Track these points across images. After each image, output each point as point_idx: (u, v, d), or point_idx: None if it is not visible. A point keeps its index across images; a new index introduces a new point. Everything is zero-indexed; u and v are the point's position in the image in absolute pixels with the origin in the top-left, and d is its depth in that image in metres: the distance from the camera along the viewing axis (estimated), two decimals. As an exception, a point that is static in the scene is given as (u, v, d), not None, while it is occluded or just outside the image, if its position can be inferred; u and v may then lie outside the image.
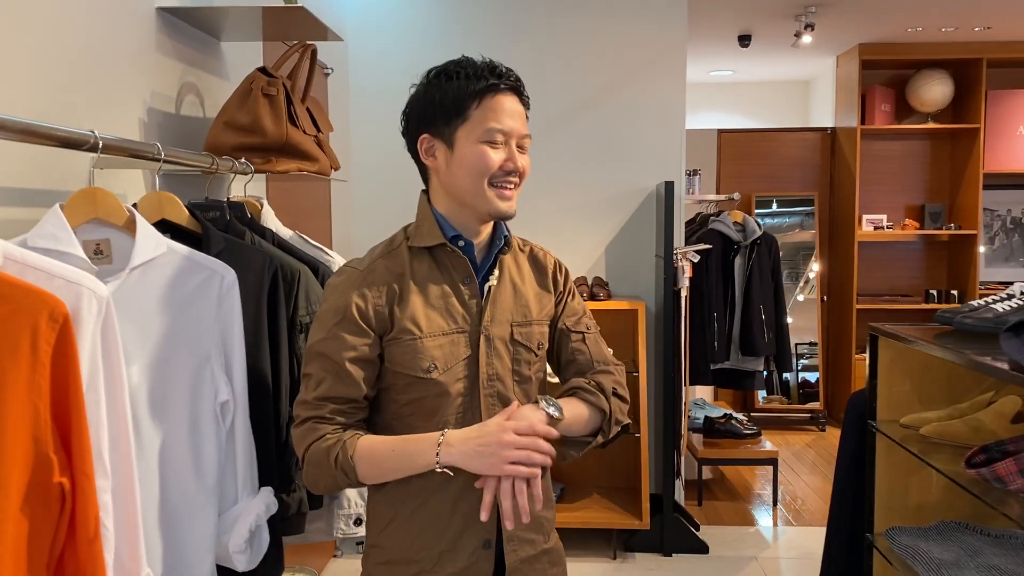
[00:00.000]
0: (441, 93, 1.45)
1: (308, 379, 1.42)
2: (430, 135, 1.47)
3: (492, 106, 1.44)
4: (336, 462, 1.36)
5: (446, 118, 1.45)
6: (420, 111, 1.49)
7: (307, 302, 1.86)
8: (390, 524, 1.47)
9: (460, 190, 1.46)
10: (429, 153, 1.48)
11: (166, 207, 1.61)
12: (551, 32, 4.06)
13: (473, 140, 1.43)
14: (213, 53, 2.52)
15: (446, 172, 1.47)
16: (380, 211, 4.12)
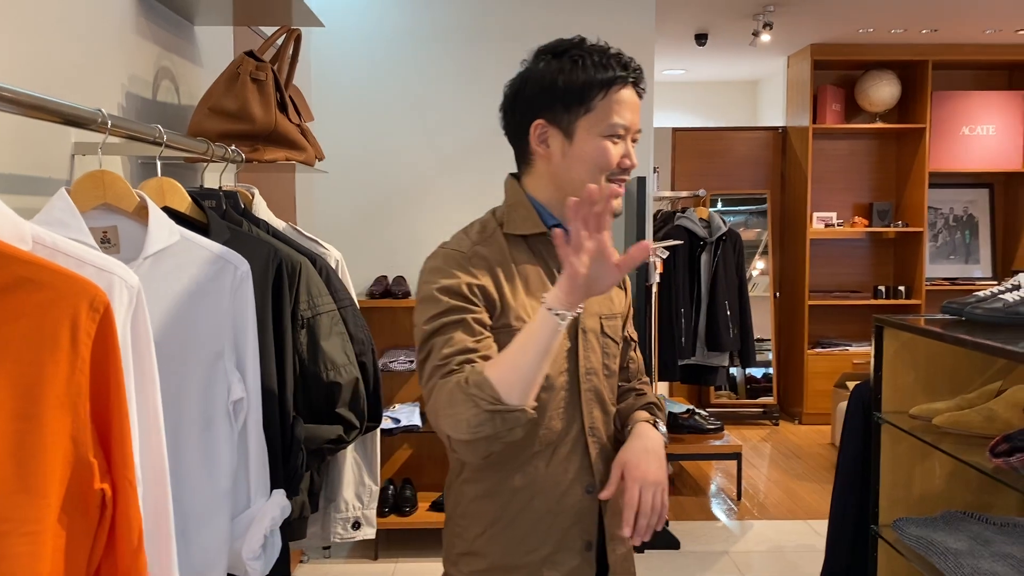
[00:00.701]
0: (565, 79, 1.35)
1: (428, 352, 1.30)
2: (546, 121, 1.38)
3: (617, 99, 1.36)
4: (468, 383, 1.20)
5: (567, 106, 1.36)
6: (537, 94, 1.38)
7: (308, 295, 1.77)
8: (492, 527, 1.38)
9: (573, 183, 1.36)
10: (541, 140, 1.39)
11: (168, 194, 1.50)
12: (519, 27, 4.01)
13: (595, 133, 1.35)
14: (187, 37, 2.40)
15: (560, 162, 1.38)
16: (344, 204, 4.01)
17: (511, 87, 1.44)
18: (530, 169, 1.45)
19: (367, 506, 2.03)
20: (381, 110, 4.01)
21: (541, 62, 1.40)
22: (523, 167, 1.47)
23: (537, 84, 1.38)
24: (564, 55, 1.38)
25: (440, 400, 1.24)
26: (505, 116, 1.46)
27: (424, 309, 1.33)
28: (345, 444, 1.81)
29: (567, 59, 1.37)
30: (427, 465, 4.06)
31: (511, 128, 1.46)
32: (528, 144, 1.42)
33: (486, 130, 4.03)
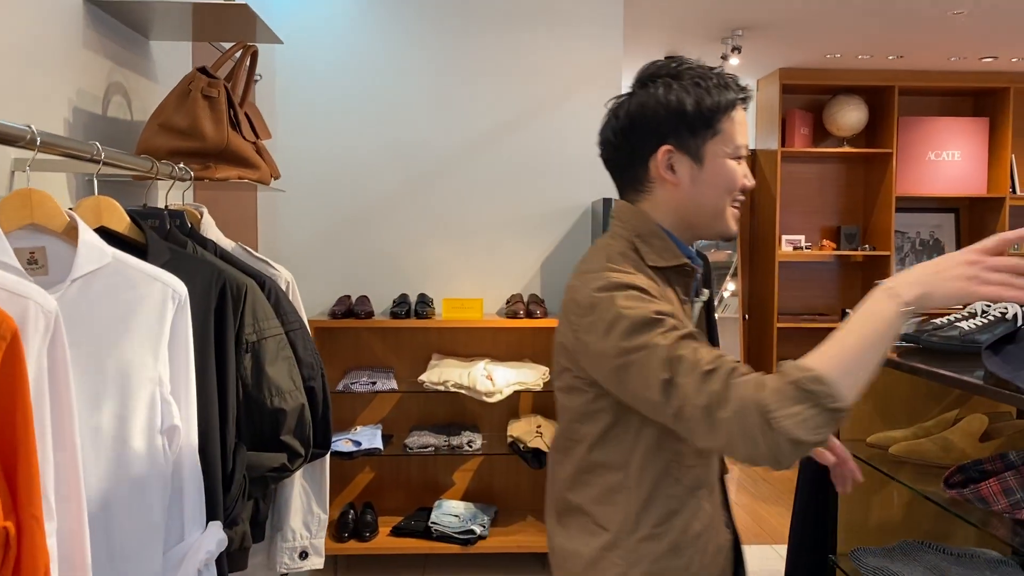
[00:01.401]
0: (693, 102, 1.31)
1: (678, 363, 1.16)
2: (674, 147, 1.33)
3: (738, 120, 1.34)
4: (804, 381, 1.08)
5: (694, 130, 1.32)
6: (664, 119, 1.32)
7: (254, 319, 1.73)
8: (663, 557, 1.31)
9: (702, 208, 1.34)
10: (667, 166, 1.33)
11: (105, 214, 1.46)
12: (486, 46, 4.00)
13: (723, 156, 1.33)
14: (141, 52, 2.35)
15: (689, 188, 1.34)
16: (307, 223, 3.97)
17: (624, 112, 1.36)
18: (647, 196, 1.38)
19: (315, 535, 1.97)
20: (345, 128, 3.97)
21: (659, 86, 1.33)
22: (635, 195, 1.39)
23: (662, 108, 1.32)
24: (683, 77, 1.34)
25: (758, 400, 1.10)
26: (614, 144, 1.38)
27: (642, 329, 1.19)
28: (289, 472, 1.76)
29: (689, 82, 1.33)
30: (389, 489, 4.00)
31: (624, 156, 1.38)
32: (648, 171, 1.35)
33: (451, 149, 4.01)
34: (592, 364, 1.27)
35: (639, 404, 1.22)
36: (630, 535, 1.32)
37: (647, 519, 1.32)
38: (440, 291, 3.98)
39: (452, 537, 3.59)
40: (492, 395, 3.55)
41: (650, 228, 1.36)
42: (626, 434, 1.32)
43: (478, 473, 4.03)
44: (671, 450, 1.32)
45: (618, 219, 1.40)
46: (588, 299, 1.27)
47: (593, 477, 1.35)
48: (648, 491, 1.32)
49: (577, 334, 1.28)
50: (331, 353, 3.93)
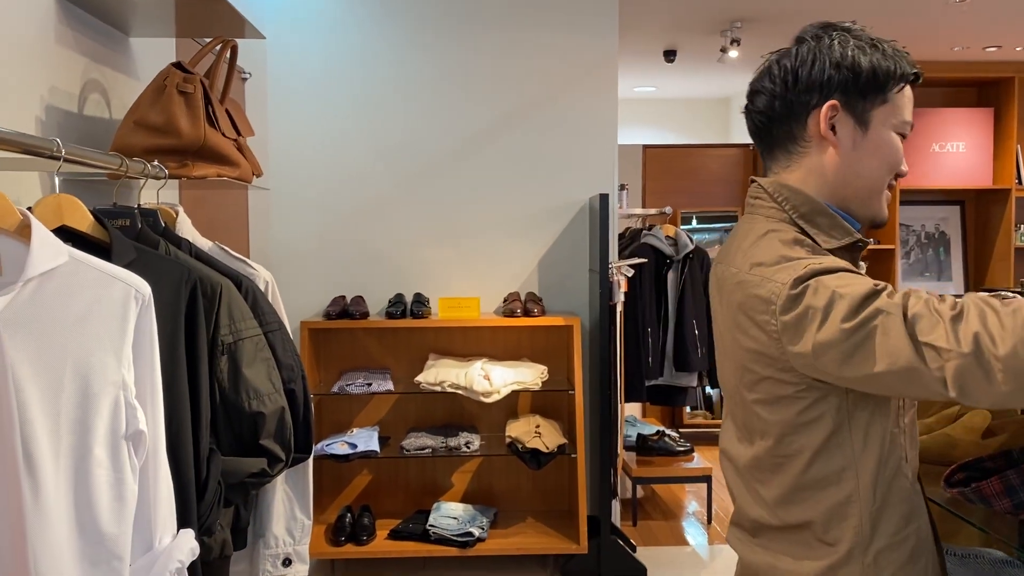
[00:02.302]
0: (868, 60, 1.21)
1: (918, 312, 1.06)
2: (840, 103, 1.23)
3: (909, 96, 1.27)
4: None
5: (864, 93, 1.22)
6: (835, 73, 1.22)
7: (230, 319, 1.67)
8: (904, 566, 1.21)
9: (860, 180, 1.24)
10: (829, 124, 1.24)
11: (66, 212, 1.40)
12: (480, 42, 3.94)
13: (889, 127, 1.24)
14: (121, 49, 2.30)
15: (849, 153, 1.24)
16: (300, 220, 3.92)
17: (788, 63, 1.25)
18: (798, 161, 1.28)
19: (299, 541, 1.92)
20: (339, 126, 3.92)
21: (835, 39, 1.24)
22: (785, 159, 1.29)
23: (835, 62, 1.22)
24: (860, 36, 1.24)
25: None
26: (773, 93, 1.27)
27: (866, 302, 1.08)
28: (269, 478, 1.70)
29: (866, 42, 1.23)
30: (387, 491, 3.95)
31: (782, 108, 1.27)
32: (806, 128, 1.26)
33: (446, 147, 3.95)
34: (813, 360, 1.12)
35: (888, 383, 1.08)
36: (867, 548, 1.19)
37: (885, 527, 1.20)
38: (436, 290, 3.92)
39: (450, 540, 3.54)
40: (489, 395, 3.50)
41: (813, 206, 1.25)
42: (853, 437, 1.19)
43: (477, 474, 3.97)
44: (897, 445, 1.21)
45: (771, 200, 1.28)
46: (785, 293, 1.14)
47: (816, 492, 1.21)
48: (883, 496, 1.19)
49: (780, 334, 1.15)
50: (326, 354, 3.88)
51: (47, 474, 1.20)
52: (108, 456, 1.28)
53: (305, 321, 3.64)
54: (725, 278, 1.29)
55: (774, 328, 1.16)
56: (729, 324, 1.27)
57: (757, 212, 1.30)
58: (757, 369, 1.22)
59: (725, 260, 1.32)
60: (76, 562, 1.24)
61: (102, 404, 1.26)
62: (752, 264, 1.22)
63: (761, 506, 1.28)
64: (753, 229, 1.28)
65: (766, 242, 1.23)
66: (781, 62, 1.26)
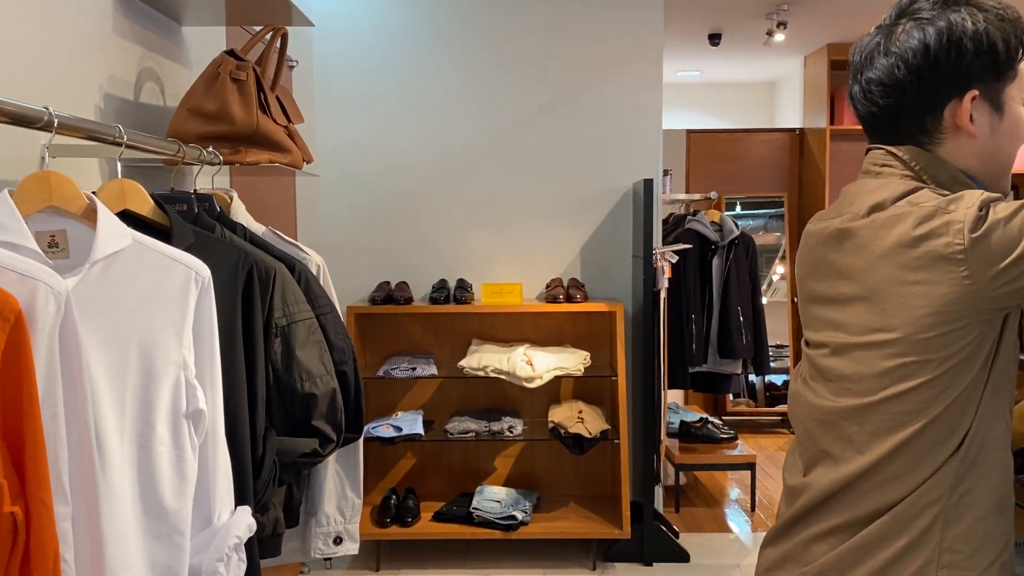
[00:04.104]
0: (1003, 39, 1.11)
1: None
2: (980, 93, 1.12)
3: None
4: None
5: (998, 72, 1.12)
6: (972, 58, 1.11)
7: (283, 303, 1.71)
8: (1005, 551, 1.13)
9: (997, 164, 1.16)
10: (970, 115, 1.13)
11: (129, 197, 1.44)
12: (524, 27, 3.94)
13: (1020, 102, 1.14)
14: (174, 38, 2.35)
15: (987, 141, 1.14)
16: (346, 208, 3.96)
17: (920, 44, 1.12)
18: (934, 147, 1.16)
19: (349, 520, 1.96)
20: (384, 113, 3.95)
21: (964, 15, 1.11)
22: (917, 144, 1.17)
23: (972, 45, 1.10)
24: (985, 6, 1.12)
25: None
26: (899, 85, 1.14)
27: None
28: (321, 458, 1.74)
29: (993, 15, 1.11)
30: (430, 474, 3.99)
31: (911, 100, 1.14)
32: (941, 121, 1.14)
33: (490, 131, 3.96)
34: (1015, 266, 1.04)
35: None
36: (952, 490, 1.12)
37: (975, 474, 1.11)
38: (479, 276, 3.95)
39: (494, 523, 3.57)
40: (532, 380, 3.52)
41: (951, 174, 1.14)
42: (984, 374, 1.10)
43: (519, 459, 4.00)
44: (1008, 389, 1.14)
45: (905, 167, 1.16)
46: (974, 216, 1.04)
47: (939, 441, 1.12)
48: (982, 439, 1.11)
49: (970, 251, 1.04)
50: (371, 339, 3.93)
51: (113, 450, 1.24)
52: (170, 434, 1.32)
53: (351, 306, 3.69)
54: (849, 229, 1.16)
55: (958, 249, 1.05)
56: (892, 266, 1.11)
57: (888, 176, 1.18)
58: (922, 306, 1.08)
59: (836, 214, 1.20)
60: (140, 536, 1.28)
61: (164, 383, 1.30)
62: (901, 201, 1.11)
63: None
64: (889, 187, 1.15)
65: (903, 185, 1.13)
66: (904, 44, 1.13)
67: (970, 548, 1.09)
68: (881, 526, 1.12)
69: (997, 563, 1.11)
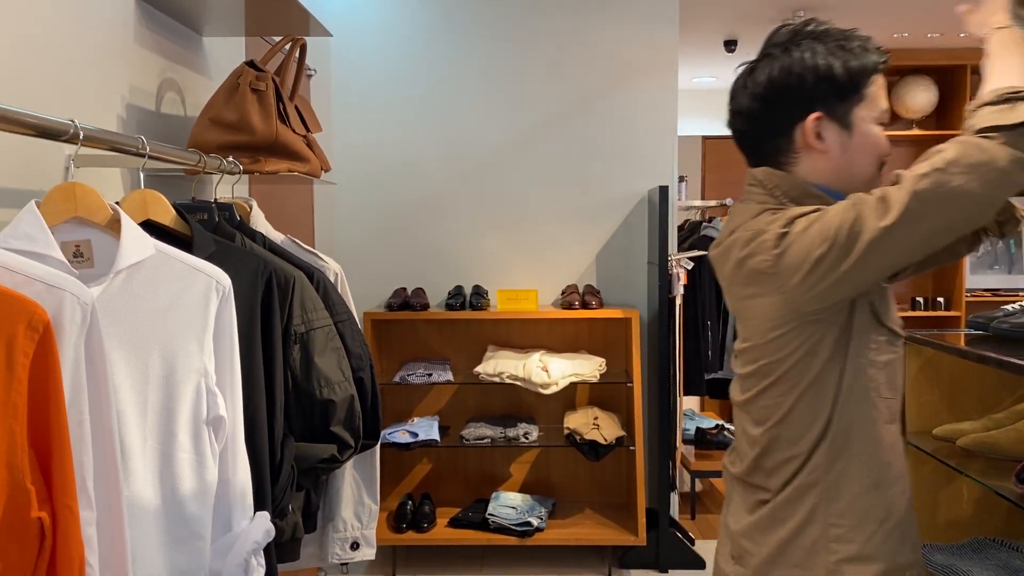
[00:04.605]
0: (839, 64, 1.27)
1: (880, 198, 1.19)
2: (823, 114, 1.29)
3: (881, 84, 1.32)
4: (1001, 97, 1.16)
5: (843, 96, 1.28)
6: (810, 84, 1.28)
7: (302, 310, 1.73)
8: (885, 522, 1.26)
9: (853, 177, 1.30)
10: (815, 134, 1.29)
11: (151, 206, 1.47)
12: (539, 34, 3.96)
13: (870, 121, 1.30)
14: (194, 48, 2.38)
15: (839, 157, 1.30)
16: (363, 215, 3.99)
17: (765, 78, 1.31)
18: (790, 168, 1.33)
19: (366, 526, 1.97)
20: (400, 119, 3.98)
21: (804, 49, 1.29)
22: (779, 163, 1.34)
23: (810, 73, 1.28)
24: (827, 40, 1.29)
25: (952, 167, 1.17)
26: (753, 114, 1.34)
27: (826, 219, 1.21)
28: (339, 464, 1.76)
29: (833, 44, 1.29)
30: (446, 480, 4.01)
31: (765, 126, 1.34)
32: (793, 142, 1.32)
33: (504, 139, 3.98)
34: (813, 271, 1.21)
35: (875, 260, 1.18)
36: (827, 471, 1.28)
37: (849, 453, 1.27)
38: (495, 282, 3.96)
39: (509, 529, 3.58)
40: (548, 387, 3.53)
41: (804, 189, 1.30)
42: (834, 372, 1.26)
43: (535, 465, 4.01)
44: (871, 378, 1.27)
45: (761, 186, 1.34)
46: (775, 233, 1.24)
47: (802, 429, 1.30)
48: (849, 424, 1.27)
49: (778, 264, 1.24)
50: (387, 345, 3.95)
51: (136, 457, 1.27)
52: (191, 440, 1.34)
53: (368, 312, 3.72)
54: (723, 250, 1.36)
55: (769, 264, 1.24)
56: (735, 282, 1.33)
57: (751, 199, 1.36)
58: (758, 314, 1.28)
59: (722, 241, 1.39)
60: (161, 541, 1.30)
61: (185, 390, 1.33)
62: (746, 228, 1.30)
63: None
64: (748, 211, 1.34)
65: (761, 217, 1.31)
66: (756, 79, 1.32)
67: (851, 522, 1.25)
68: (775, 508, 1.30)
69: (881, 531, 1.25)
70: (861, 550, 1.24)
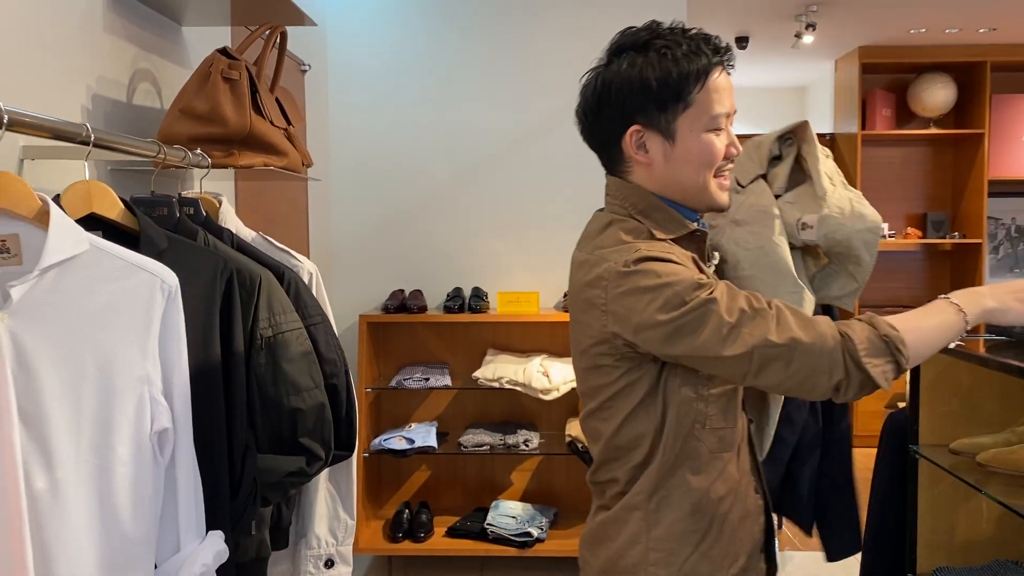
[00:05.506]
0: (656, 75, 1.24)
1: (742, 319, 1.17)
2: (642, 126, 1.28)
3: (715, 87, 1.26)
4: (892, 338, 1.14)
5: (662, 106, 1.25)
6: (628, 97, 1.27)
7: (269, 313, 1.61)
8: (701, 544, 1.29)
9: (681, 185, 1.29)
10: (639, 146, 1.29)
11: (96, 199, 1.36)
12: (542, 29, 3.84)
13: (698, 130, 1.26)
14: (173, 38, 2.28)
15: (663, 167, 1.29)
16: (360, 213, 3.88)
17: (591, 92, 1.32)
18: (629, 175, 1.34)
19: (342, 542, 1.86)
20: (397, 121, 3.87)
21: (624, 61, 1.28)
22: (619, 172, 1.35)
23: (626, 86, 1.27)
24: (649, 48, 1.27)
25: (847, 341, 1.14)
26: (587, 123, 1.36)
27: (692, 291, 1.18)
28: (308, 477, 1.64)
29: (654, 53, 1.26)
30: (445, 488, 3.89)
31: (597, 136, 1.35)
32: (622, 152, 1.32)
33: (505, 138, 3.86)
34: (633, 336, 1.21)
35: (699, 363, 1.19)
36: (649, 498, 1.30)
37: (668, 483, 1.29)
38: (495, 284, 3.84)
39: (508, 539, 3.46)
40: (548, 392, 3.40)
41: (649, 201, 1.31)
42: (655, 404, 1.28)
43: (537, 473, 3.88)
44: (697, 412, 1.28)
45: (612, 196, 1.36)
46: (617, 270, 1.22)
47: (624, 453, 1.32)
48: (673, 456, 1.28)
49: (607, 308, 1.23)
50: (385, 348, 3.84)
51: (68, 472, 1.16)
52: (132, 454, 1.23)
53: (364, 315, 3.60)
54: (575, 261, 1.36)
55: (602, 302, 1.23)
56: (574, 301, 1.33)
57: (607, 206, 1.37)
58: (585, 340, 1.29)
59: (577, 248, 1.38)
60: (98, 565, 1.19)
61: (126, 400, 1.21)
62: (595, 247, 1.29)
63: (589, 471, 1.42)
64: (601, 220, 1.35)
65: (610, 231, 1.30)
66: (586, 92, 1.33)
67: (669, 547, 1.28)
68: (606, 523, 1.33)
69: (696, 554, 1.28)
70: (677, 572, 1.27)
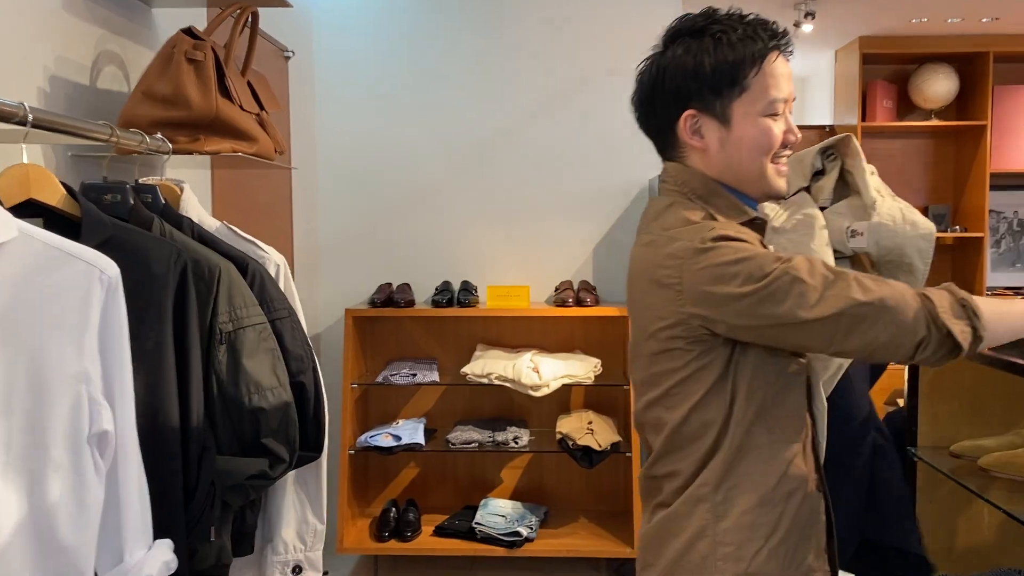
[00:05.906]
0: (712, 61, 1.24)
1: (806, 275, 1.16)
2: (697, 111, 1.28)
3: (771, 72, 1.25)
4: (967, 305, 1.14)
5: (718, 91, 1.25)
6: (682, 83, 1.27)
7: (230, 306, 1.53)
8: (771, 538, 1.25)
9: (738, 172, 1.29)
10: (694, 131, 1.29)
11: (35, 184, 1.27)
12: (534, 16, 3.74)
13: (754, 115, 1.26)
14: (141, 19, 2.18)
15: (719, 152, 1.28)
16: (346, 205, 3.79)
17: (646, 78, 1.33)
18: (685, 161, 1.33)
19: (311, 547, 1.77)
20: (386, 107, 3.77)
21: (679, 46, 1.28)
22: (675, 158, 1.35)
23: (680, 71, 1.27)
24: (704, 34, 1.26)
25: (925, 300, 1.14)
26: (642, 110, 1.36)
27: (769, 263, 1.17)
28: (271, 480, 1.55)
29: (708, 38, 1.26)
30: (434, 486, 3.80)
31: (652, 123, 1.35)
32: (678, 138, 1.32)
33: (497, 126, 3.77)
34: (719, 308, 1.19)
35: (786, 332, 1.17)
36: (718, 487, 1.26)
37: (737, 472, 1.26)
38: (484, 278, 3.75)
39: (497, 539, 3.37)
40: (538, 389, 3.31)
41: (709, 187, 1.30)
42: (725, 390, 1.25)
43: (527, 471, 3.80)
44: (766, 399, 1.26)
45: (671, 182, 1.34)
46: (693, 248, 1.20)
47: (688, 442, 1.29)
48: (741, 445, 1.25)
49: (685, 283, 1.21)
50: (372, 343, 3.75)
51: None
52: (68, 458, 1.14)
53: (350, 309, 3.51)
54: (638, 243, 1.34)
55: (676, 281, 1.21)
56: (637, 284, 1.31)
57: (665, 192, 1.35)
58: (654, 324, 1.26)
59: (639, 232, 1.36)
60: None
61: (60, 400, 1.12)
62: (662, 228, 1.28)
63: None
64: (660, 203, 1.33)
65: (673, 212, 1.29)
66: (642, 78, 1.34)
67: (738, 540, 1.24)
68: (665, 521, 1.29)
69: (765, 549, 1.24)
70: (747, 569, 1.23)
